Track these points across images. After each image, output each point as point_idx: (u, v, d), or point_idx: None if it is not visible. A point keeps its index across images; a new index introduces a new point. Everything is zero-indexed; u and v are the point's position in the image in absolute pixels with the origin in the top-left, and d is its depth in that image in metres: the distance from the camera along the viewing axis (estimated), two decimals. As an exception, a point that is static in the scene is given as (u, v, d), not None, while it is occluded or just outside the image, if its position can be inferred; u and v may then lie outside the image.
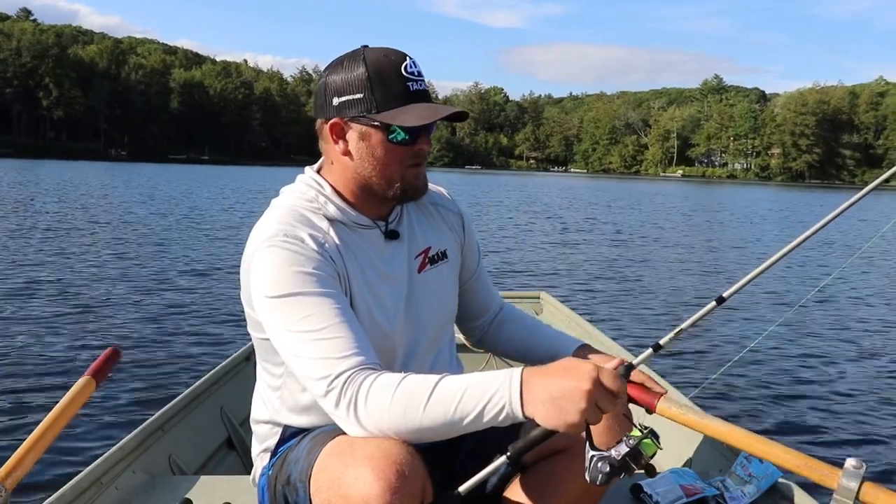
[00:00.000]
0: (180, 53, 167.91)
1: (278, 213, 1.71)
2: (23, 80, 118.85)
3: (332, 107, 1.68)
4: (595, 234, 19.22)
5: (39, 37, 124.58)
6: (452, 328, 1.99)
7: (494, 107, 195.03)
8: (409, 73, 1.65)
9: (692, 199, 49.73)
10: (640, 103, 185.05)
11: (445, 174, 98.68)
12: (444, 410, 1.40)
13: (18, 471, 1.92)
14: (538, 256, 14.27)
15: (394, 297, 1.77)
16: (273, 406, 1.81)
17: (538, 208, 31.54)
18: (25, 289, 9.06)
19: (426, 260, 1.87)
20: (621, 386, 1.39)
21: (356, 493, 1.39)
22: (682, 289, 11.25)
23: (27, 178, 39.99)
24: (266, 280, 1.59)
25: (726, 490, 2.20)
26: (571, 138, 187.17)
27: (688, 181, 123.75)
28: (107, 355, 2.78)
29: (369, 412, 1.44)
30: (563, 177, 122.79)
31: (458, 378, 1.44)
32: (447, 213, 1.97)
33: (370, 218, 1.78)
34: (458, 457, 1.59)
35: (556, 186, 64.04)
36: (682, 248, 17.24)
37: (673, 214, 29.80)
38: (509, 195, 41.96)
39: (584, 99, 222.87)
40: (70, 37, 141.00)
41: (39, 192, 28.25)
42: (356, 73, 1.64)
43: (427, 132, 1.70)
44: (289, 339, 1.55)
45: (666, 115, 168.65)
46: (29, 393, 5.19)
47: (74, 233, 15.31)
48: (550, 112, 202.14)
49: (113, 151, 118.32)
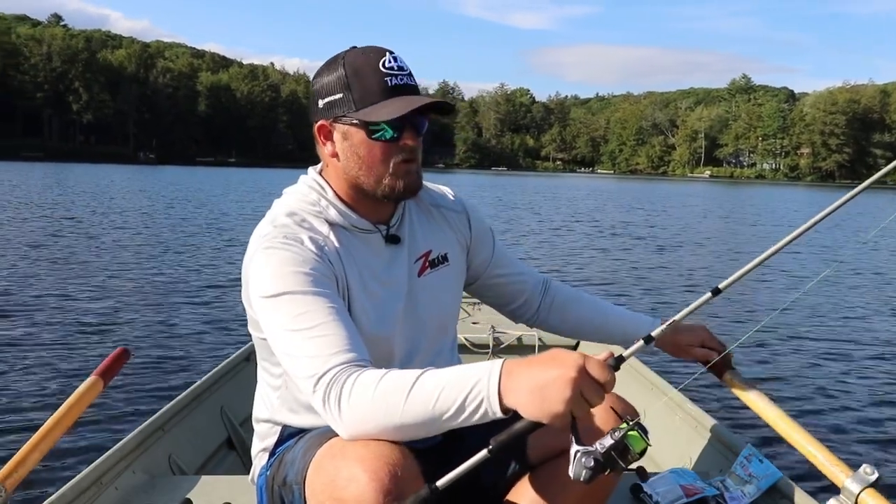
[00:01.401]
0: (207, 57, 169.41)
1: (280, 215, 1.72)
2: (53, 85, 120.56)
3: (318, 109, 1.70)
4: (627, 238, 18.83)
5: (69, 42, 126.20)
6: (454, 330, 1.99)
7: (520, 108, 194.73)
8: (387, 68, 1.63)
9: (721, 199, 49.30)
10: (668, 104, 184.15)
11: (471, 176, 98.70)
12: (424, 406, 1.38)
13: (20, 471, 1.92)
14: (568, 263, 13.90)
15: (393, 302, 1.77)
16: (273, 405, 1.82)
17: (568, 210, 31.26)
18: (35, 289, 9.12)
19: (426, 263, 1.86)
20: (609, 377, 1.34)
21: (350, 495, 1.38)
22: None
23: (54, 181, 40.56)
24: (263, 279, 1.60)
25: (726, 490, 2.19)
26: (598, 139, 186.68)
27: (716, 182, 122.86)
28: (116, 355, 2.75)
29: (352, 409, 1.43)
30: (590, 178, 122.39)
31: (441, 372, 1.41)
32: (450, 214, 1.95)
33: (371, 222, 1.77)
34: (458, 457, 1.52)
35: (585, 188, 63.75)
36: (712, 250, 17.02)
37: (710, 218, 29.28)
38: (536, 198, 41.69)
39: (610, 100, 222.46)
40: (99, 41, 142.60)
41: (64, 195, 28.59)
42: (336, 74, 1.65)
43: (413, 127, 1.68)
44: (282, 338, 1.55)
45: (693, 115, 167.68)
46: (34, 392, 5.19)
47: (93, 234, 15.43)
48: (577, 113, 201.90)
49: (141, 155, 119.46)
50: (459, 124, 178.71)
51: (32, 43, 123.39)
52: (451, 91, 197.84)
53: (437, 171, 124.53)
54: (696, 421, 2.74)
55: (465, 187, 53.71)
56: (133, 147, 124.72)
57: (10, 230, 15.68)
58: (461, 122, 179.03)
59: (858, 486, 1.66)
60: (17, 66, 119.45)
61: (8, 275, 10.10)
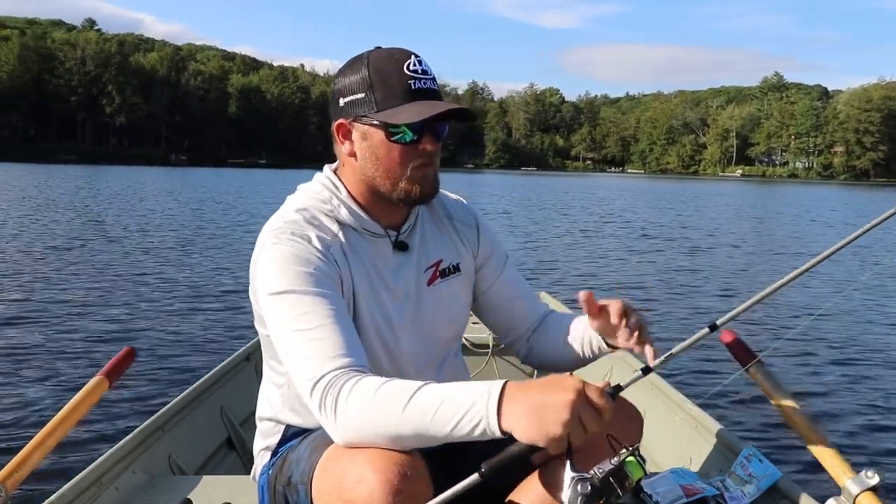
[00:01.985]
0: (238, 59, 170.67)
1: (290, 211, 1.71)
2: (87, 89, 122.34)
3: (338, 108, 1.69)
4: (660, 240, 18.33)
5: (103, 46, 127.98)
6: (460, 339, 1.98)
7: (550, 108, 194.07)
8: (411, 71, 1.62)
9: (754, 198, 48.58)
10: (698, 102, 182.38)
11: (501, 176, 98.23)
12: (421, 419, 1.36)
13: (21, 471, 1.94)
14: (600, 265, 13.51)
15: (398, 309, 1.76)
16: (276, 403, 1.82)
17: (599, 211, 30.97)
18: (50, 290, 9.18)
19: (437, 273, 1.85)
20: (607, 405, 1.33)
21: (359, 496, 1.37)
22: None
23: (84, 183, 40.97)
24: (268, 275, 1.60)
25: (726, 490, 2.18)
26: (628, 138, 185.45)
27: (748, 181, 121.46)
28: (122, 355, 2.77)
29: (348, 416, 1.42)
30: (620, 177, 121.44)
31: (439, 387, 1.40)
32: (462, 227, 1.94)
33: (382, 226, 1.76)
34: (466, 458, 1.47)
35: (616, 187, 63.10)
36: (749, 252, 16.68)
37: (744, 218, 28.62)
38: (565, 199, 41.33)
39: (640, 99, 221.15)
40: (132, 45, 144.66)
41: (92, 197, 28.88)
42: (359, 74, 1.64)
43: (434, 132, 1.66)
44: (283, 337, 1.56)
45: (725, 113, 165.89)
46: (38, 391, 5.24)
47: (114, 235, 15.54)
48: (607, 112, 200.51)
49: (173, 156, 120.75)
50: (489, 124, 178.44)
51: (67, 47, 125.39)
52: (480, 92, 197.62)
53: (467, 172, 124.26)
54: (696, 421, 2.71)
55: (494, 188, 53.59)
56: (165, 149, 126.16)
57: (35, 231, 15.87)
58: (490, 123, 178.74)
59: (858, 489, 1.67)
60: (52, 71, 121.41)
61: (26, 276, 10.21)
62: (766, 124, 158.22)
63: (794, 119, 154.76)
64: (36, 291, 9.06)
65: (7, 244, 13.42)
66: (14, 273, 10.44)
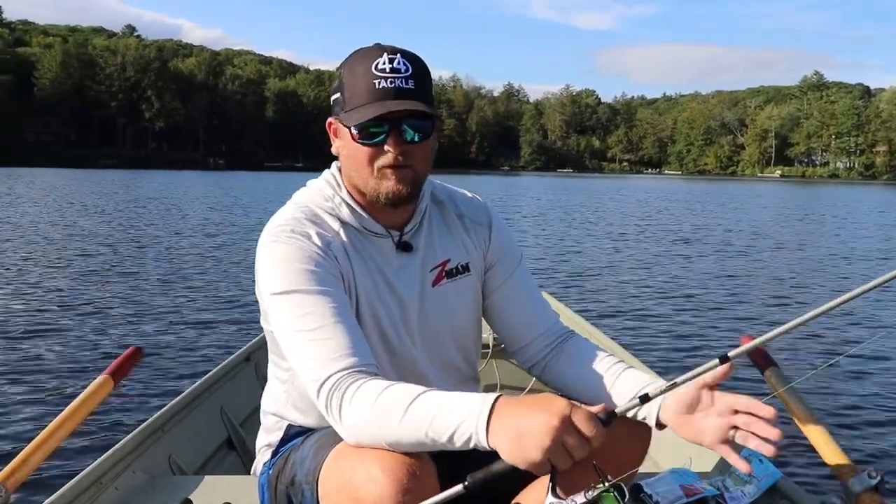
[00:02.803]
0: (275, 63, 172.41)
1: (292, 208, 1.71)
2: (127, 94, 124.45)
3: (331, 106, 1.70)
4: (703, 245, 17.63)
5: (142, 51, 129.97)
6: (474, 344, 1.93)
7: (586, 109, 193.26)
8: (378, 70, 1.58)
9: (796, 199, 47.69)
10: (736, 102, 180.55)
11: (537, 178, 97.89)
12: (418, 429, 1.37)
13: (22, 471, 1.94)
14: (641, 272, 13.04)
15: (401, 309, 1.74)
16: (280, 399, 1.82)
17: (639, 213, 30.63)
18: (63, 293, 9.22)
19: (443, 273, 1.81)
20: (596, 431, 1.28)
21: (368, 495, 1.36)
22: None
23: (121, 187, 41.56)
24: (270, 275, 1.60)
25: (726, 490, 2.17)
26: (665, 140, 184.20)
27: (787, 181, 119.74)
28: (128, 354, 2.75)
29: (352, 419, 1.43)
30: (657, 179, 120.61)
31: (437, 396, 1.40)
32: (473, 226, 1.88)
33: (383, 226, 1.73)
34: (471, 459, 1.43)
35: (653, 189, 62.54)
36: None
37: (789, 220, 27.73)
38: (602, 200, 40.96)
39: (678, 99, 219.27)
40: (171, 50, 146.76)
41: (130, 202, 29.32)
42: (340, 73, 1.66)
43: (397, 133, 1.61)
44: (288, 337, 1.56)
45: (763, 113, 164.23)
46: (43, 391, 5.25)
47: (143, 239, 15.68)
48: (643, 113, 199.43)
49: (211, 160, 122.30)
50: (525, 126, 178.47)
51: (107, 54, 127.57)
52: (515, 93, 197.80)
53: (503, 174, 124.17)
54: None
55: (530, 190, 53.37)
56: (203, 153, 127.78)
57: (60, 233, 16.10)
58: (526, 125, 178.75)
59: (859, 488, 1.68)
60: (93, 77, 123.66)
61: (36, 276, 10.34)
62: (806, 124, 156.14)
63: (835, 118, 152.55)
64: (41, 291, 9.16)
65: (30, 246, 13.59)
66: (25, 273, 10.57)
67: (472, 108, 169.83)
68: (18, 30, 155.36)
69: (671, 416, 1.54)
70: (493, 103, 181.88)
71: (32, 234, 15.66)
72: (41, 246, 13.75)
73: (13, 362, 5.95)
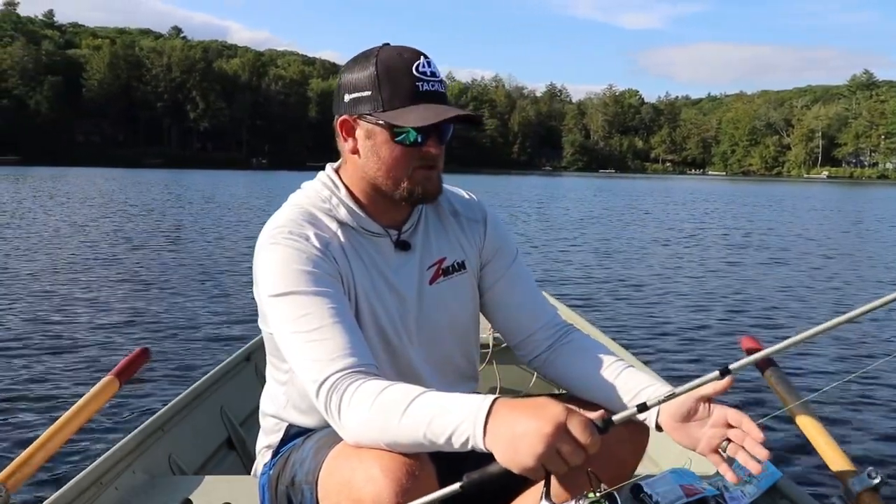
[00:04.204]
0: (318, 64, 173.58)
1: (289, 210, 1.72)
2: (172, 94, 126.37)
3: (343, 104, 1.67)
4: (760, 251, 16.64)
5: (188, 52, 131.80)
6: (473, 342, 1.94)
7: (629, 109, 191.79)
8: (419, 72, 1.61)
9: (844, 201, 46.36)
10: (782, 102, 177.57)
11: (579, 179, 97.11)
12: (416, 430, 1.37)
13: (23, 471, 1.95)
14: (692, 278, 12.57)
15: (400, 308, 1.75)
16: (279, 401, 1.82)
17: (685, 215, 30.08)
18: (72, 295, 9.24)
19: (439, 271, 1.82)
20: (591, 438, 1.27)
21: (367, 495, 1.37)
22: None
23: (163, 187, 42.13)
24: (268, 277, 1.61)
25: (726, 490, 2.18)
26: (709, 140, 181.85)
27: (835, 182, 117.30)
28: (135, 355, 2.77)
29: (351, 420, 1.44)
30: (701, 180, 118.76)
31: (435, 397, 1.40)
32: (468, 223, 1.90)
33: (382, 225, 1.75)
34: (470, 459, 1.42)
35: (698, 190, 61.22)
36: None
37: (844, 223, 26.62)
38: (647, 202, 40.18)
39: (722, 99, 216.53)
40: (216, 51, 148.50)
41: (170, 201, 29.68)
42: (367, 71, 1.63)
43: (438, 135, 1.65)
44: (287, 338, 1.57)
45: (810, 113, 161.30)
46: (47, 390, 5.26)
47: (174, 239, 15.77)
48: (688, 114, 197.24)
49: (254, 160, 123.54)
50: (567, 126, 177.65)
51: (154, 55, 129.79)
52: (558, 94, 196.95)
53: (545, 174, 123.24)
54: None
55: (573, 191, 52.93)
56: (246, 153, 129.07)
57: (87, 232, 16.30)
58: (568, 125, 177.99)
59: (859, 488, 1.69)
60: (139, 78, 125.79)
61: (47, 277, 10.37)
62: (855, 124, 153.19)
63: (885, 118, 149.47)
64: (46, 291, 9.23)
65: (45, 246, 13.70)
66: (37, 274, 10.63)
67: (514, 109, 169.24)
68: (69, 32, 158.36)
69: (667, 420, 1.61)
70: (535, 103, 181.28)
71: (52, 234, 15.75)
72: (55, 246, 13.81)
73: (11, 363, 5.98)
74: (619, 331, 7.45)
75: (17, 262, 11.51)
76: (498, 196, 39.17)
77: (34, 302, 8.42)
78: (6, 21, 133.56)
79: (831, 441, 1.95)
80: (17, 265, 11.25)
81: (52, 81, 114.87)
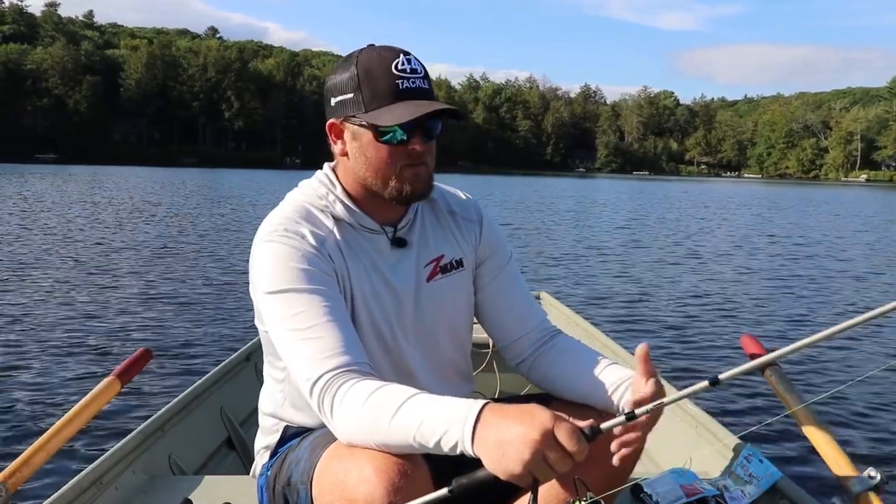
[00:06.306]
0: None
1: (285, 208, 1.73)
2: (208, 94, 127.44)
3: (330, 107, 1.70)
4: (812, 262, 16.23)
5: (223, 53, 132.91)
6: (469, 339, 1.95)
7: (664, 111, 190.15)
8: (399, 70, 1.62)
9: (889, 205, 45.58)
10: (820, 105, 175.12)
11: (612, 181, 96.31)
12: (406, 433, 1.38)
13: (24, 471, 1.96)
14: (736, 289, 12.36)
15: (397, 304, 1.75)
16: (276, 400, 1.83)
17: (720, 219, 29.57)
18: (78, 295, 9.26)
19: (437, 269, 1.83)
20: (579, 445, 1.26)
21: (360, 496, 1.37)
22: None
23: (199, 185, 42.62)
24: (263, 274, 1.62)
25: (726, 490, 2.21)
26: (745, 142, 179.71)
27: (874, 186, 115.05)
28: (137, 356, 2.77)
29: (342, 420, 1.45)
30: (736, 182, 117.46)
31: (426, 400, 1.40)
32: (464, 222, 1.91)
33: (378, 222, 1.76)
34: (465, 460, 1.41)
35: (734, 193, 60.21)
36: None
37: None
38: (682, 205, 39.39)
39: (759, 102, 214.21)
40: (251, 51, 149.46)
41: (204, 200, 30.05)
42: (348, 73, 1.64)
43: (423, 132, 1.65)
44: (281, 337, 1.58)
45: (849, 116, 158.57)
46: (49, 390, 5.27)
47: (197, 236, 15.96)
48: (723, 115, 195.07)
49: (287, 160, 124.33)
50: (601, 128, 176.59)
51: (190, 55, 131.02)
52: (592, 95, 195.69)
53: (578, 176, 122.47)
54: (696, 421, 2.73)
55: (605, 193, 52.48)
56: (280, 153, 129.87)
57: (100, 230, 16.54)
58: (602, 126, 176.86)
59: (859, 488, 1.70)
60: (175, 78, 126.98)
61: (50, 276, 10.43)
62: (895, 126, 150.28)
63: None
64: (49, 291, 9.27)
65: (56, 245, 13.80)
66: (38, 273, 10.68)
67: (547, 109, 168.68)
68: (108, 33, 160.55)
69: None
70: (569, 104, 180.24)
71: (61, 235, 15.71)
72: (61, 246, 13.80)
73: (13, 363, 6.00)
74: (636, 336, 7.39)
75: (18, 263, 11.60)
76: (530, 198, 38.93)
77: (36, 302, 8.48)
78: (47, 22, 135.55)
79: (831, 441, 1.96)
80: (19, 266, 11.33)
81: (91, 81, 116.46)
